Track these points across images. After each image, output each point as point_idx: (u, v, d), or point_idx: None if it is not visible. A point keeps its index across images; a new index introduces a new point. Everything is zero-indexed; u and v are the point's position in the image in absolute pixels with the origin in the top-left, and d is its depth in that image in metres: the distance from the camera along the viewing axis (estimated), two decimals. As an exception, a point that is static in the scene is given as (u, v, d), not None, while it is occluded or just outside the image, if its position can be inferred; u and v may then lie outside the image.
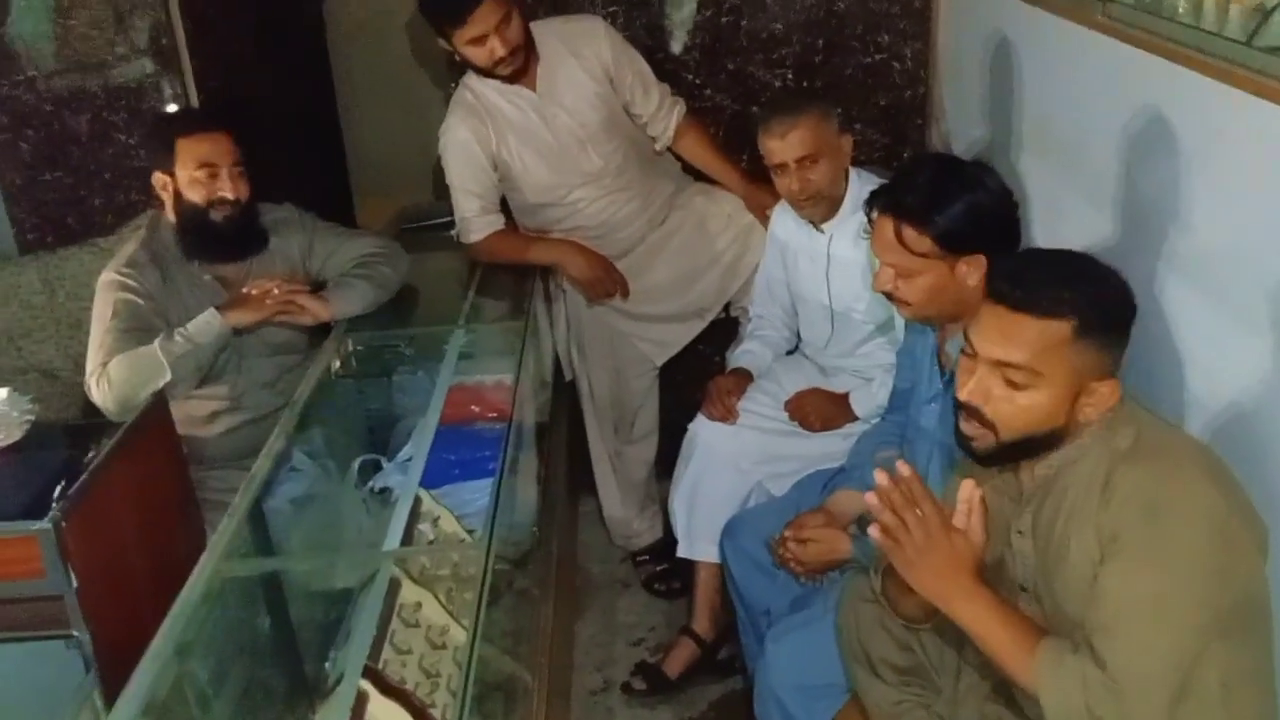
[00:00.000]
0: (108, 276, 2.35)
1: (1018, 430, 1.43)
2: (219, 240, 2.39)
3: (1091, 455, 1.42)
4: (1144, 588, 1.32)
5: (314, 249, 2.53)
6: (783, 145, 2.34)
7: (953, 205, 1.80)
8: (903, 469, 1.45)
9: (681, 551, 2.57)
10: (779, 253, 2.63)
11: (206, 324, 2.29)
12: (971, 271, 1.81)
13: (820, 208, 2.42)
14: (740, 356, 2.66)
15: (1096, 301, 1.41)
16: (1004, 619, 1.40)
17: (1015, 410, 1.42)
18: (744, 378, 2.59)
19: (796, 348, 2.72)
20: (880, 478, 1.44)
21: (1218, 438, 1.60)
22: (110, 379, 2.21)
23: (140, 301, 2.32)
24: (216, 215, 2.36)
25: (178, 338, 2.26)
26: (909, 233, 1.81)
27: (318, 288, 2.49)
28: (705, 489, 2.51)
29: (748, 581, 2.26)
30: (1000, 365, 1.41)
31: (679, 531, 2.56)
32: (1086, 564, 1.39)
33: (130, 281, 2.33)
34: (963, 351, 1.48)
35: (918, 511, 1.42)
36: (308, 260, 2.53)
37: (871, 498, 1.45)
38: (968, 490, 1.45)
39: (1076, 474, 1.43)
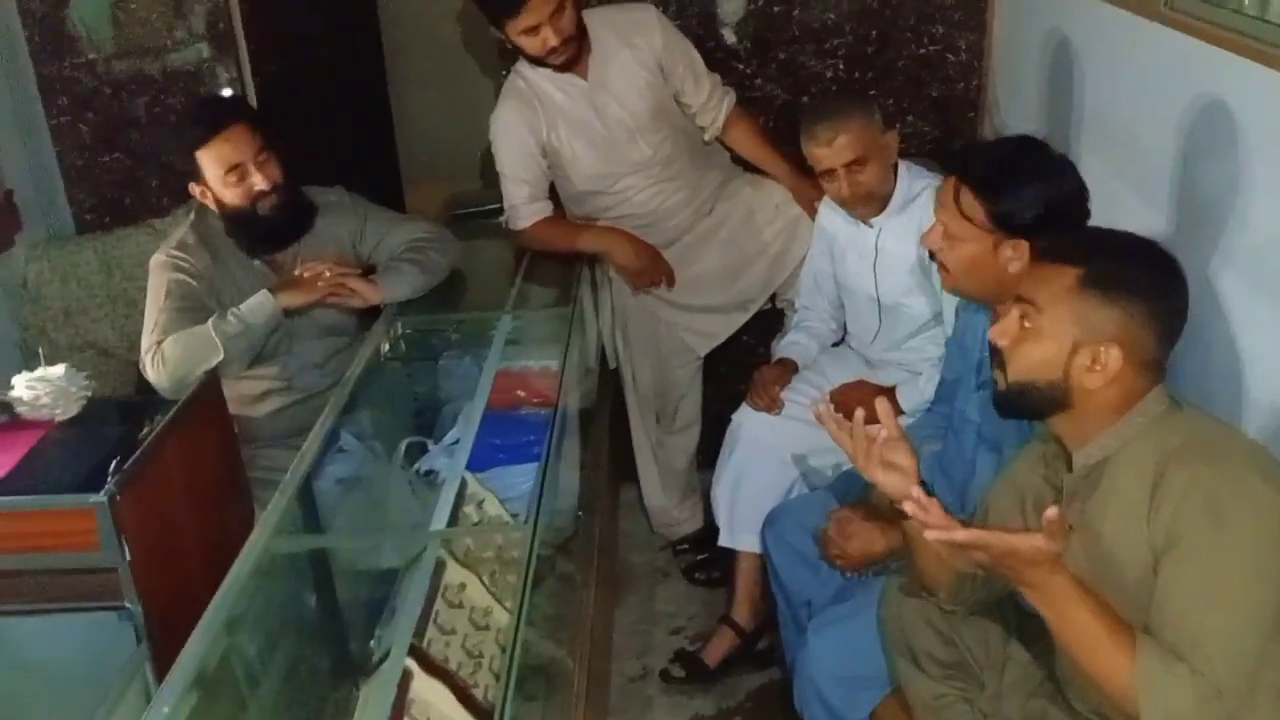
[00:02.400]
0: (159, 258, 2.39)
1: (1020, 373, 1.44)
2: (268, 232, 2.41)
3: (1140, 450, 1.40)
4: (1226, 592, 1.29)
5: (365, 234, 2.55)
6: (830, 153, 2.32)
7: (1016, 184, 1.78)
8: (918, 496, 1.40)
9: (723, 541, 2.57)
10: (827, 245, 2.61)
11: (259, 305, 2.31)
12: (1014, 258, 1.79)
13: (871, 206, 2.41)
14: (786, 347, 2.66)
15: (1117, 263, 1.42)
16: (1096, 612, 1.34)
17: (1021, 352, 1.44)
18: (789, 368, 2.58)
19: (843, 340, 2.71)
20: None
21: (1278, 438, 1.58)
22: (165, 358, 2.25)
23: (193, 282, 2.35)
24: (263, 208, 2.35)
25: (230, 318, 2.28)
26: (966, 196, 1.81)
27: (368, 271, 2.51)
28: (748, 479, 2.51)
29: (789, 572, 2.26)
30: (1019, 303, 1.45)
31: (721, 520, 2.56)
32: (1137, 564, 1.37)
33: (182, 262, 2.36)
34: None
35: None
36: (358, 244, 2.55)
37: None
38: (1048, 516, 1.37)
39: (1123, 470, 1.41)
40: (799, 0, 2.97)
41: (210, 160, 2.32)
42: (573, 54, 2.57)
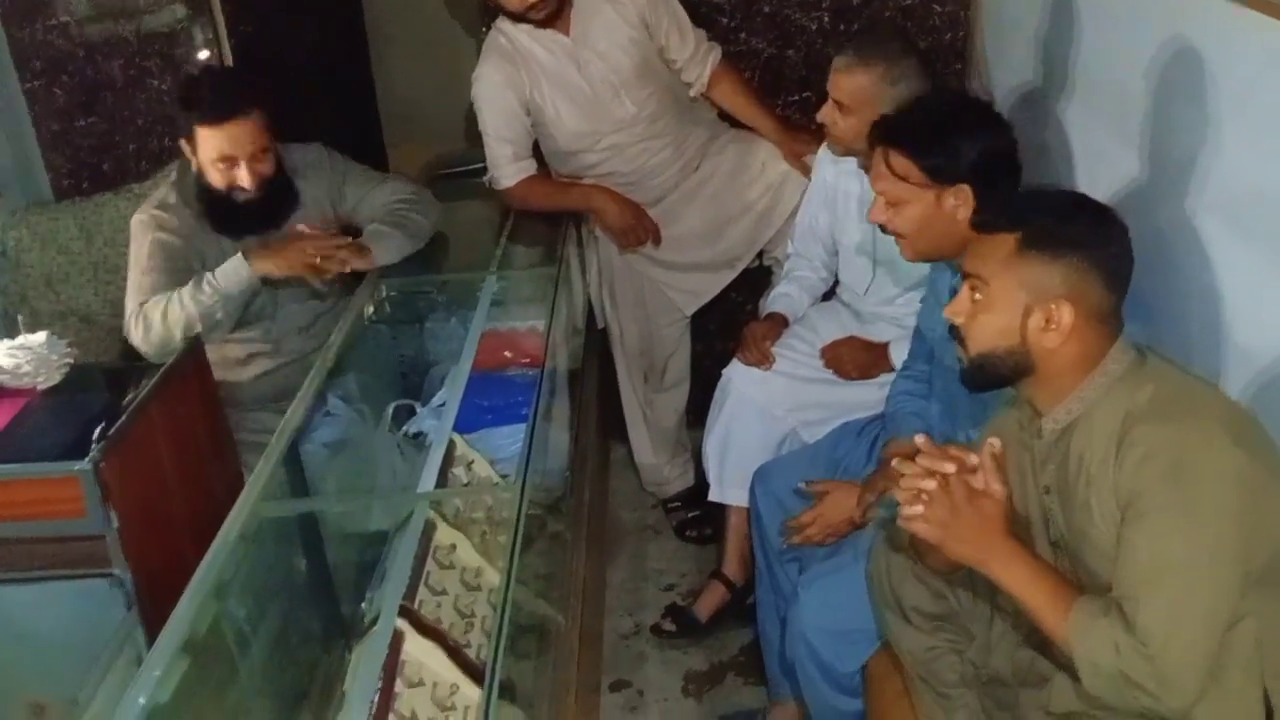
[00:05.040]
0: (140, 218, 2.35)
1: (979, 345, 1.46)
2: (240, 217, 2.35)
3: (1105, 411, 1.41)
4: (1172, 549, 1.30)
5: (345, 193, 2.52)
6: (833, 79, 2.28)
7: (943, 135, 1.82)
8: (919, 442, 1.44)
9: (713, 495, 2.58)
10: (824, 193, 2.58)
11: (234, 271, 2.26)
12: (960, 206, 1.81)
13: (841, 149, 2.37)
14: (775, 300, 2.64)
15: (1052, 221, 1.43)
16: (1038, 578, 1.39)
17: (976, 325, 1.45)
18: (779, 322, 2.57)
19: (833, 292, 2.69)
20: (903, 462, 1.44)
21: (1264, 390, 1.58)
22: (147, 323, 2.23)
23: (175, 241, 2.32)
24: (239, 196, 2.31)
25: (206, 286, 2.25)
26: (896, 159, 1.83)
27: (347, 230, 2.48)
28: (738, 434, 2.50)
29: (776, 527, 2.26)
30: (967, 278, 1.46)
31: (711, 476, 2.56)
32: (1108, 526, 1.38)
33: (164, 221, 2.32)
34: None
35: (936, 481, 1.40)
36: (338, 205, 2.51)
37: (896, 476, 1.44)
38: (989, 448, 1.44)
39: (1091, 430, 1.42)
40: (783, -48, 2.93)
41: (208, 141, 2.28)
42: (553, 9, 2.54)
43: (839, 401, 2.43)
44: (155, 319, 2.23)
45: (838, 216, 2.55)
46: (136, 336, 2.25)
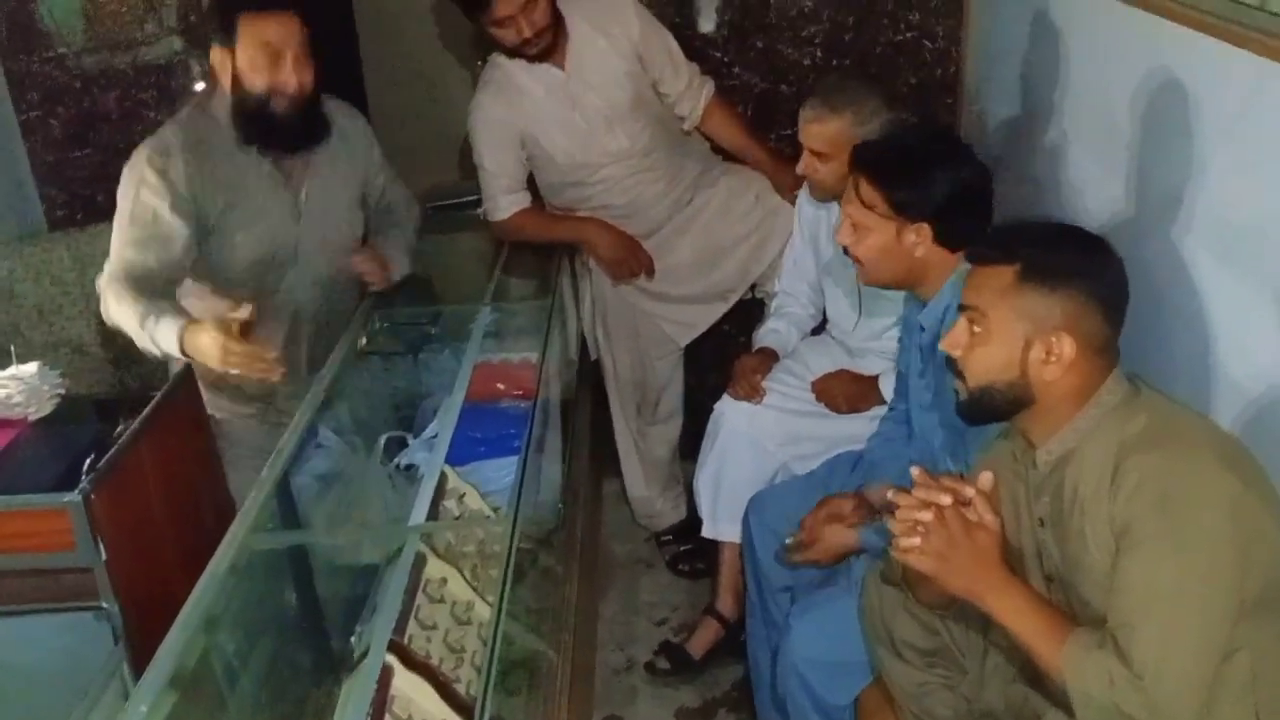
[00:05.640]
0: (137, 158, 2.18)
1: (979, 379, 1.45)
2: (277, 130, 2.21)
3: (1099, 442, 1.41)
4: (1163, 580, 1.30)
5: (373, 180, 2.49)
6: (805, 130, 2.33)
7: (912, 171, 1.85)
8: (914, 473, 1.45)
9: (706, 531, 2.57)
10: (808, 232, 2.61)
11: (168, 338, 2.03)
12: (919, 244, 1.85)
13: (824, 195, 2.40)
14: (765, 335, 2.65)
15: (1048, 252, 1.43)
16: (1033, 610, 1.39)
17: (975, 358, 1.45)
18: (769, 357, 2.58)
19: (823, 326, 2.70)
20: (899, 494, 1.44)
21: (1252, 422, 1.58)
22: (106, 304, 2.13)
23: (161, 203, 2.14)
24: (278, 105, 2.17)
25: (147, 327, 2.04)
26: (866, 188, 1.87)
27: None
28: (730, 469, 2.50)
29: (770, 557, 2.25)
30: (965, 311, 1.47)
31: (703, 511, 2.56)
32: (1103, 556, 1.37)
33: (153, 175, 2.15)
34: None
35: (931, 515, 1.40)
36: (367, 188, 2.48)
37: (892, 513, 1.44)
38: (980, 483, 1.44)
39: (1085, 461, 1.42)
40: (776, -13, 2.96)
41: (252, 31, 2.13)
42: (548, 44, 2.56)
43: (830, 434, 2.43)
44: (111, 308, 2.11)
45: (820, 254, 2.57)
46: (102, 309, 2.16)
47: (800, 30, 2.98)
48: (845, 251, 1.95)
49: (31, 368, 2.05)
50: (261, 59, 2.14)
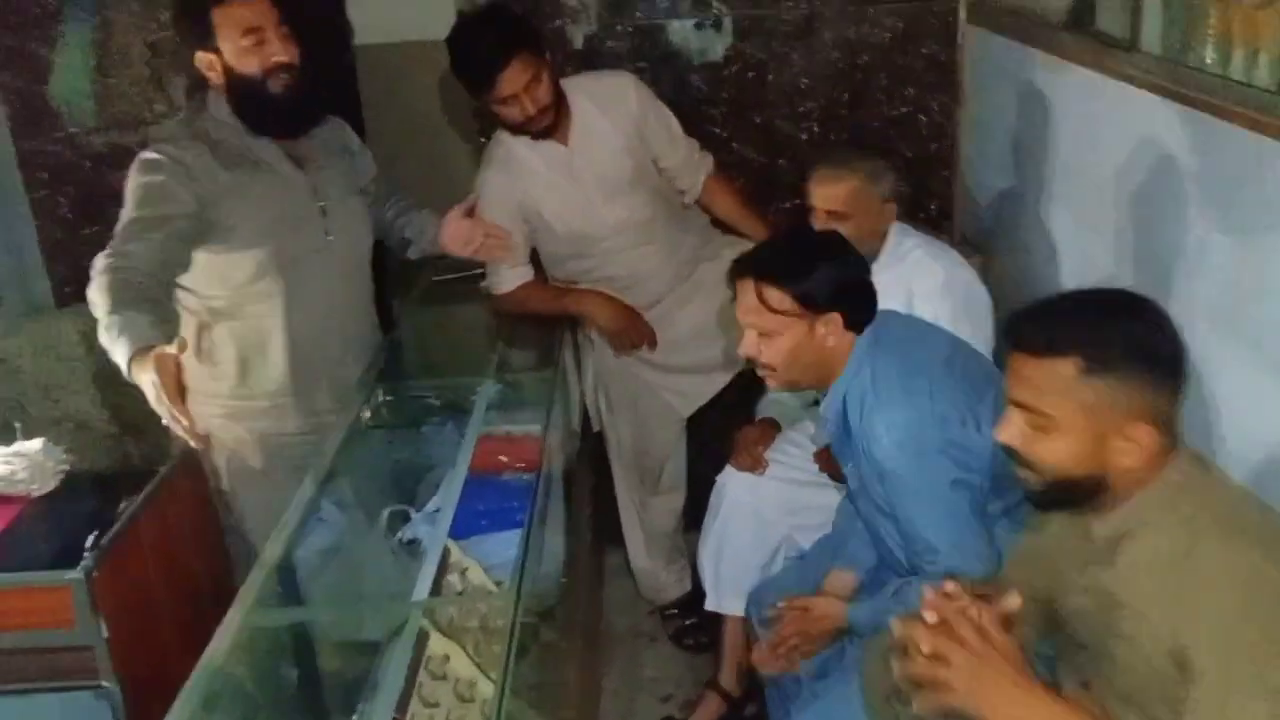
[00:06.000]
0: (142, 156, 2.17)
1: (1052, 471, 1.38)
2: (281, 113, 2.21)
3: (1159, 524, 1.34)
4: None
5: (365, 171, 2.53)
6: (818, 193, 2.36)
7: (811, 266, 1.89)
8: (927, 597, 1.35)
9: (709, 605, 2.55)
10: None
11: (118, 355, 1.92)
12: (830, 333, 1.89)
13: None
14: (768, 405, 2.66)
15: (1105, 336, 1.34)
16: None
17: (1043, 452, 1.37)
18: (771, 427, 2.58)
19: None
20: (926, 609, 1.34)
21: (1255, 488, 1.58)
22: (90, 290, 2.03)
23: (168, 180, 2.11)
24: (275, 85, 2.16)
25: (108, 331, 1.95)
26: (770, 292, 1.88)
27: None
28: (732, 541, 2.49)
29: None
30: (1020, 407, 1.38)
31: (706, 584, 2.54)
32: (1150, 641, 1.31)
33: (162, 158, 2.14)
34: None
35: (951, 645, 1.29)
36: (363, 174, 2.51)
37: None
38: (1006, 605, 1.35)
39: (1148, 542, 1.34)
40: (772, 65, 3.02)
41: (228, 20, 2.13)
42: (551, 122, 2.60)
43: (834, 504, 2.42)
44: (92, 292, 2.02)
45: None
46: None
47: (797, 106, 3.04)
48: (749, 362, 1.97)
49: (36, 444, 2.06)
50: (246, 43, 2.13)
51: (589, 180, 2.68)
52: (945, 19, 2.99)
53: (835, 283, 1.89)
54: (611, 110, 2.68)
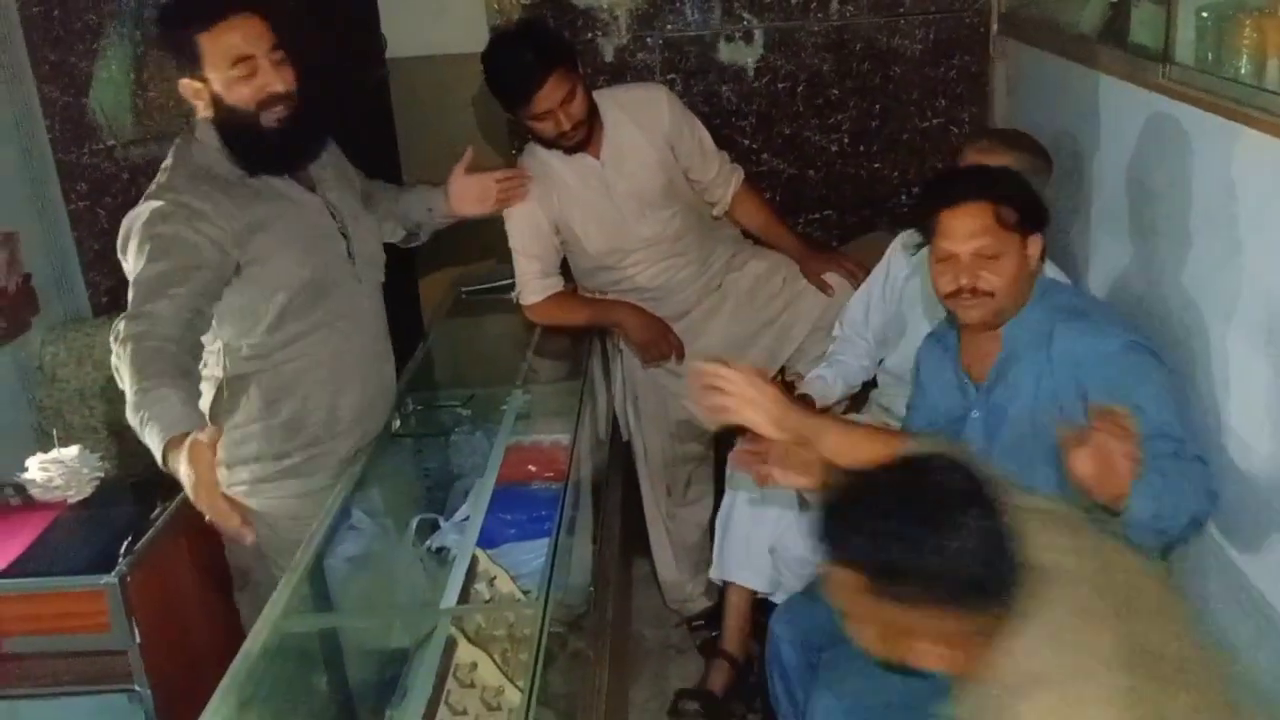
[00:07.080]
0: (147, 208, 1.93)
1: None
2: (275, 149, 2.00)
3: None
4: None
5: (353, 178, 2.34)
6: (973, 160, 2.17)
7: (1027, 184, 1.86)
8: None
9: (712, 573, 2.61)
10: (889, 290, 2.56)
11: (151, 443, 1.74)
12: (1035, 254, 1.85)
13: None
14: (810, 382, 2.62)
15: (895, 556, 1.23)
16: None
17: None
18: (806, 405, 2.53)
19: (869, 386, 2.67)
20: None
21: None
22: (115, 365, 1.86)
23: (182, 229, 1.90)
24: (269, 119, 1.96)
25: (138, 414, 1.76)
26: (1005, 210, 1.80)
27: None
28: (738, 514, 2.55)
29: (798, 668, 2.15)
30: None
31: (714, 554, 2.58)
32: None
33: (172, 208, 1.92)
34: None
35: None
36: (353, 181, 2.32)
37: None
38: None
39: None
40: (803, 77, 3.02)
41: (214, 47, 1.92)
42: (584, 136, 2.62)
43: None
44: (116, 363, 1.86)
45: (907, 308, 2.51)
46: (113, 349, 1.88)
47: (827, 118, 3.04)
48: (958, 295, 1.83)
49: (72, 451, 2.09)
50: (236, 73, 1.93)
51: (621, 194, 2.69)
52: (977, 30, 2.98)
53: (1043, 201, 1.87)
54: (645, 123, 2.70)
